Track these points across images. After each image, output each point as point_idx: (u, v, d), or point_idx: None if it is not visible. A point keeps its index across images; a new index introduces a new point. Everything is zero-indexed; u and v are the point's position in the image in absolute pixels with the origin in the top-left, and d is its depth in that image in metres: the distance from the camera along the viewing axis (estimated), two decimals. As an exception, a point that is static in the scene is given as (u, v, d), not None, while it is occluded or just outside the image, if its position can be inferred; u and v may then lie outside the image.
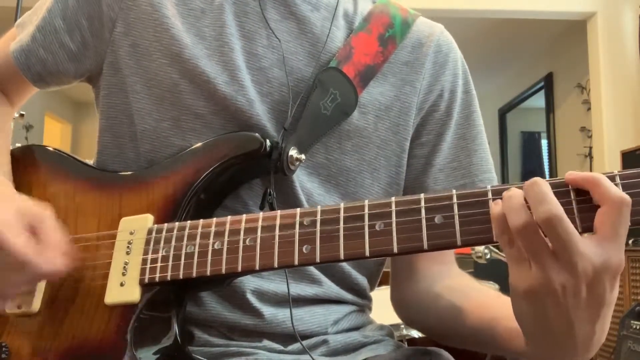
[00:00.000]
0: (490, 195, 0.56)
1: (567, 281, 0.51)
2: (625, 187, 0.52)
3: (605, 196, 0.51)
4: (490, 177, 0.83)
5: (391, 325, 0.87)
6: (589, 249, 0.50)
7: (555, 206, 0.50)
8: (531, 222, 0.51)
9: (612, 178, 0.52)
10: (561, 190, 0.53)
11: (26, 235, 0.64)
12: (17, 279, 0.65)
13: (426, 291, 0.82)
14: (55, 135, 7.55)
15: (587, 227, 0.52)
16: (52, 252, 0.65)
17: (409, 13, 0.86)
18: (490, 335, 0.69)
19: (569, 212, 0.51)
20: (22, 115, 2.22)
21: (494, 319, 0.68)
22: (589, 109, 4.76)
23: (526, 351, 0.61)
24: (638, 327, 2.59)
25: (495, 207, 0.53)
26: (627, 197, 0.50)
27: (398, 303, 0.88)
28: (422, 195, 0.58)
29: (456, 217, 0.56)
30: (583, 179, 0.52)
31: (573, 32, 5.08)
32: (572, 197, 0.53)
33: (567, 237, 0.50)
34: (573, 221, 0.52)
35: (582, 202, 0.52)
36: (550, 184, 0.53)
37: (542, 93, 6.06)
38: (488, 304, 0.73)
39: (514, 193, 0.53)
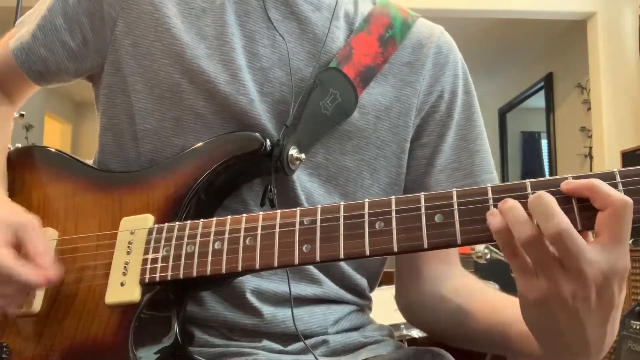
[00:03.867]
0: (490, 194, 0.56)
1: (577, 289, 0.51)
2: (625, 185, 0.52)
3: (607, 201, 0.50)
4: (492, 177, 0.84)
5: (391, 325, 0.87)
6: (597, 255, 0.50)
7: (563, 220, 0.50)
8: (538, 235, 0.51)
9: (611, 177, 0.52)
10: (564, 197, 0.53)
11: (9, 246, 0.65)
12: (5, 291, 0.65)
13: (431, 293, 0.82)
14: (55, 135, 7.54)
15: (587, 226, 0.52)
16: (36, 263, 0.65)
17: (409, 14, 0.86)
18: (500, 338, 0.69)
19: (569, 212, 0.52)
20: (22, 115, 2.21)
21: (504, 322, 0.68)
22: (589, 109, 4.76)
23: (540, 354, 0.61)
24: (638, 327, 2.59)
25: (495, 219, 0.53)
26: (629, 199, 0.50)
27: (403, 305, 0.88)
28: (422, 194, 0.58)
29: (456, 216, 0.56)
30: (580, 187, 0.52)
31: (573, 32, 5.07)
32: (574, 203, 0.53)
33: (576, 249, 0.50)
34: (574, 221, 0.52)
35: (583, 204, 0.52)
36: (548, 184, 0.53)
37: (542, 93, 6.05)
38: (496, 306, 0.73)
39: (515, 204, 0.52)
